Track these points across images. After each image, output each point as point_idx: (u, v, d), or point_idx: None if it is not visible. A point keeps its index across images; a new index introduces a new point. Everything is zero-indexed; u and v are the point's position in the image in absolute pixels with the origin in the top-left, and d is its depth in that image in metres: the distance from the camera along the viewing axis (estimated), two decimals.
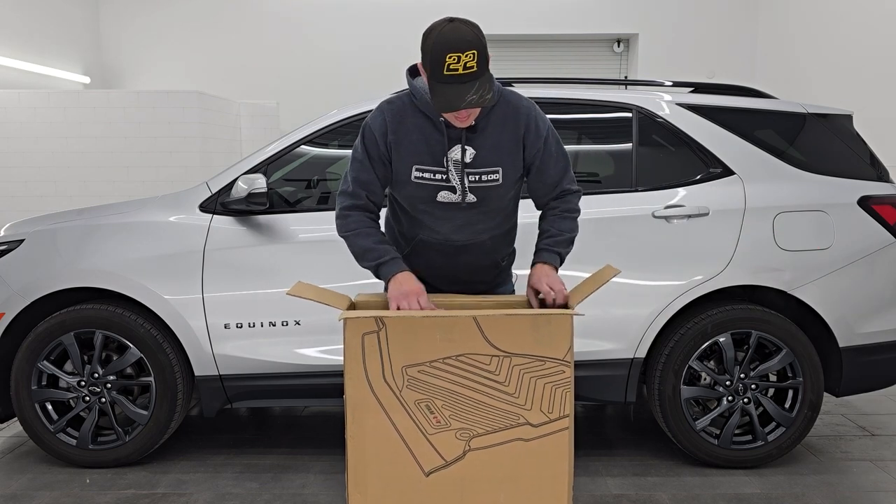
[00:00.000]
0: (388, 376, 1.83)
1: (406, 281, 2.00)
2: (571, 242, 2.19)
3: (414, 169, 2.06)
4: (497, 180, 2.09)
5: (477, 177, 2.07)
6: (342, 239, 2.17)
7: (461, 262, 2.21)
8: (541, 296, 2.06)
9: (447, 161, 2.05)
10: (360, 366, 1.83)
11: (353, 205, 2.12)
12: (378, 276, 2.08)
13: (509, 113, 2.09)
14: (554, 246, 2.15)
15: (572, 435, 1.91)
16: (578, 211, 2.24)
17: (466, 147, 2.04)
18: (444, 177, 2.06)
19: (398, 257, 2.09)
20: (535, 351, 1.84)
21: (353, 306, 2.07)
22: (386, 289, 2.05)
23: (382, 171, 2.12)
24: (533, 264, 2.15)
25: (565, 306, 1.98)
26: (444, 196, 2.08)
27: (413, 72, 2.12)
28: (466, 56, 1.82)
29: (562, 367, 1.85)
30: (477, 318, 1.83)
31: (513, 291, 2.43)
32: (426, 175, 2.06)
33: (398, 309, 1.93)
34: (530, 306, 2.07)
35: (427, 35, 1.90)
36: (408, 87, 2.12)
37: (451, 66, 1.82)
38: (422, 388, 1.84)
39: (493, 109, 2.07)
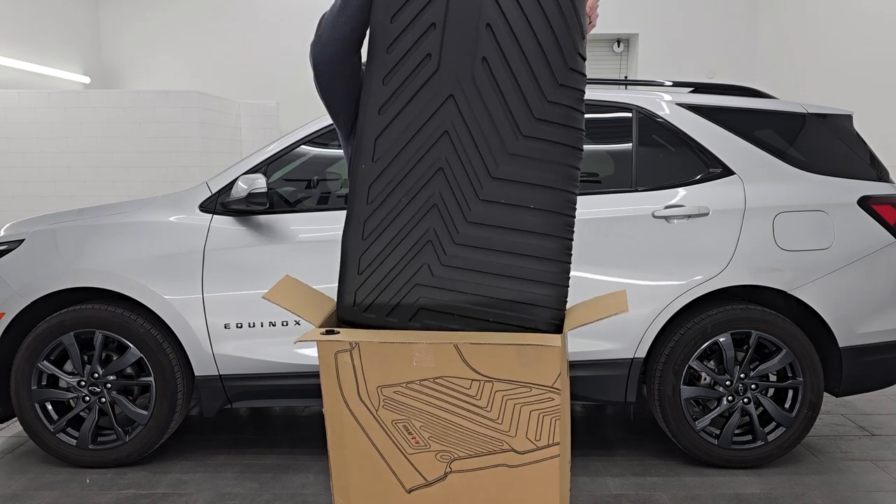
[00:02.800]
0: (363, 395, 1.72)
1: None
2: None
3: None
4: None
5: None
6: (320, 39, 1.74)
7: None
8: None
9: None
10: (335, 383, 1.72)
11: None
12: None
13: None
14: None
15: (566, 463, 1.78)
16: None
17: None
18: None
19: None
20: (520, 377, 1.67)
21: (330, 321, 1.88)
22: None
23: None
24: None
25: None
26: None
27: None
28: None
29: (550, 395, 1.67)
30: (458, 346, 1.67)
31: None
32: None
33: None
34: None
35: None
36: None
37: None
38: (398, 408, 1.72)
39: None
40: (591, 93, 3.26)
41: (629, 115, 3.19)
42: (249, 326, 3.03)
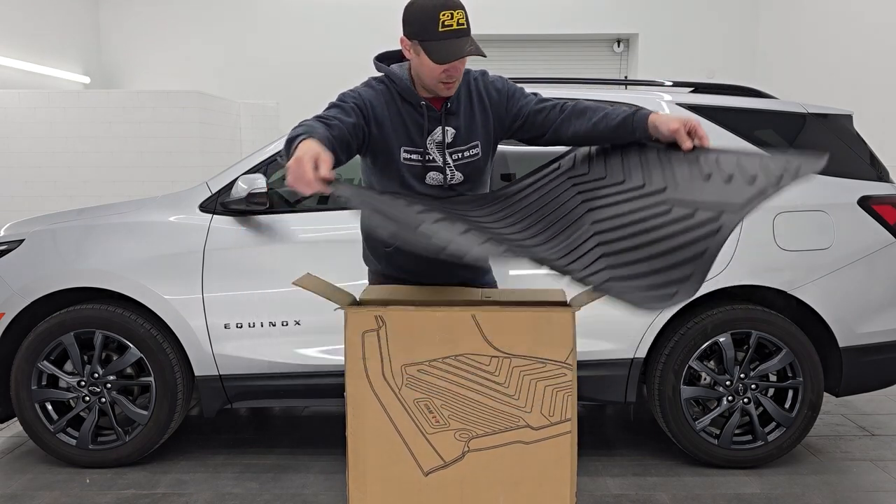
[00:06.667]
0: (387, 375, 1.84)
1: (302, 148, 1.70)
2: None
3: (402, 150, 2.07)
4: (477, 154, 2.13)
5: (460, 154, 2.11)
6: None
7: None
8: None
9: (430, 143, 2.09)
10: (360, 364, 1.83)
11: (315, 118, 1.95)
12: (288, 153, 1.79)
13: (471, 88, 2.14)
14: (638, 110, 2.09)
15: (575, 439, 1.90)
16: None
17: (447, 128, 2.08)
18: (430, 158, 2.09)
19: (317, 135, 1.81)
20: (536, 353, 1.83)
21: (356, 304, 2.06)
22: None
23: (353, 124, 1.98)
24: (639, 121, 2.02)
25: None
26: (432, 178, 2.11)
27: (382, 60, 2.13)
28: (458, 13, 1.90)
29: (563, 370, 1.83)
30: (475, 317, 1.82)
31: (495, 283, 2.39)
32: (414, 157, 2.08)
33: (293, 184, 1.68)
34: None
35: (411, 4, 1.95)
36: (381, 73, 2.11)
37: (445, 23, 1.89)
38: (421, 387, 1.84)
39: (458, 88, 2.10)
40: (591, 93, 3.26)
41: None
42: (249, 326, 3.02)
